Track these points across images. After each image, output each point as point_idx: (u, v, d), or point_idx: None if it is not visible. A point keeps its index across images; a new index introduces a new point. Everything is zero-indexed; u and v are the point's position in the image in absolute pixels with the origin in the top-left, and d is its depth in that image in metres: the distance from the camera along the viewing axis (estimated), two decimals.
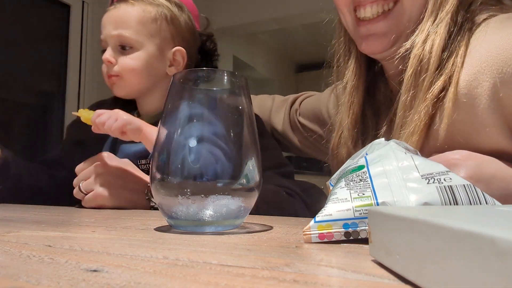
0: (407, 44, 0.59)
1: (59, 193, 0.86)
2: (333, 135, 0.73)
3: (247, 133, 0.40)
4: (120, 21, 0.82)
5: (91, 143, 0.88)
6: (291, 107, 0.97)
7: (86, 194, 0.69)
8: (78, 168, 0.73)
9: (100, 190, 0.69)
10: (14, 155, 0.83)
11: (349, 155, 0.68)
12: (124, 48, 0.82)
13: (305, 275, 0.21)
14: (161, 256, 0.25)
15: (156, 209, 0.67)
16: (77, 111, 0.76)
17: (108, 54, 0.82)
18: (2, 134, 2.27)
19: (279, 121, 0.98)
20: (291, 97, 1.00)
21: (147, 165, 0.81)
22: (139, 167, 0.77)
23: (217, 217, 0.38)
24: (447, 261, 0.15)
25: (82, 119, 0.74)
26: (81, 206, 0.71)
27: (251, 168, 0.39)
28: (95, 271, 0.21)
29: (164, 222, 0.44)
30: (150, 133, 0.70)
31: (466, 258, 0.14)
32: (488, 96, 0.50)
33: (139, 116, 0.89)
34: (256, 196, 0.41)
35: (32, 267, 0.22)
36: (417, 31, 0.59)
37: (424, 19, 0.59)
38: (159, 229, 0.40)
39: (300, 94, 1.00)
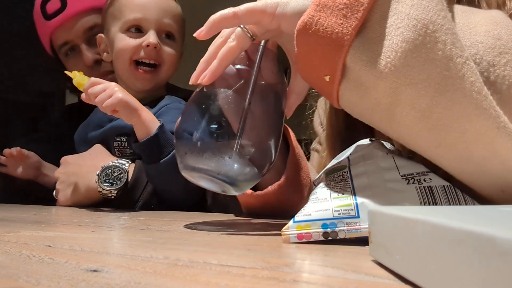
0: None
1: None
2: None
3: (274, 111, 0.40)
4: (169, 12, 0.80)
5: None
6: None
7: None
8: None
9: (59, 196, 0.74)
10: None
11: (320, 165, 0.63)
12: (169, 38, 0.80)
13: (305, 275, 0.21)
14: (161, 256, 0.25)
15: (109, 197, 0.66)
16: (71, 72, 0.69)
17: (155, 39, 0.76)
18: (2, 134, 2.26)
19: None
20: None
21: (124, 142, 0.76)
22: (114, 143, 0.75)
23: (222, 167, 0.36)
24: (447, 261, 0.15)
25: (74, 83, 0.68)
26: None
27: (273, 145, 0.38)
28: (95, 271, 0.21)
29: (164, 222, 0.44)
30: (146, 119, 0.65)
31: (466, 258, 0.14)
32: None
33: None
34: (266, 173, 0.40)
35: (32, 267, 0.22)
36: None
37: None
38: (159, 229, 0.40)
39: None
